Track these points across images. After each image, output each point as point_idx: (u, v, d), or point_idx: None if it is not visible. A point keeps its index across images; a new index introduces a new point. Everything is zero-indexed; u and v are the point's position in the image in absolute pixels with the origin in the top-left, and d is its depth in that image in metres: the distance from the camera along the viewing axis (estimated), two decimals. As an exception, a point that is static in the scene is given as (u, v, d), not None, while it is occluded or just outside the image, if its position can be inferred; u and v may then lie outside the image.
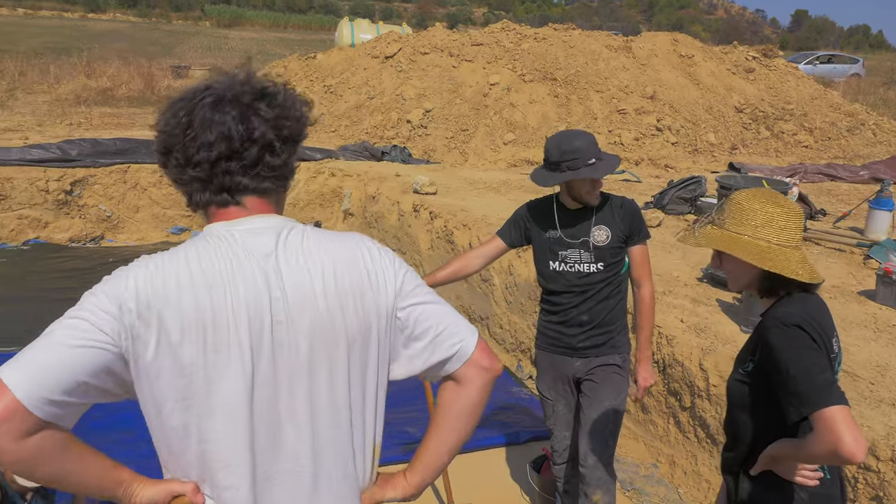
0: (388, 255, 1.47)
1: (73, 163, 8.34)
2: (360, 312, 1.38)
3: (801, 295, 1.87)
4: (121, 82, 15.68)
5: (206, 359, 1.27)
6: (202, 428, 1.30)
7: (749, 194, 1.93)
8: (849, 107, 13.05)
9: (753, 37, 74.74)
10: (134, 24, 54.82)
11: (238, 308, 1.28)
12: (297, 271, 1.34)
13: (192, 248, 1.32)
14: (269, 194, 1.39)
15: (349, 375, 1.39)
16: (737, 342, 3.91)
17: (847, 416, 1.60)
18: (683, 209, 6.98)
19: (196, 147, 1.31)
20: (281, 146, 1.36)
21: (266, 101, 1.36)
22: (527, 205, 3.13)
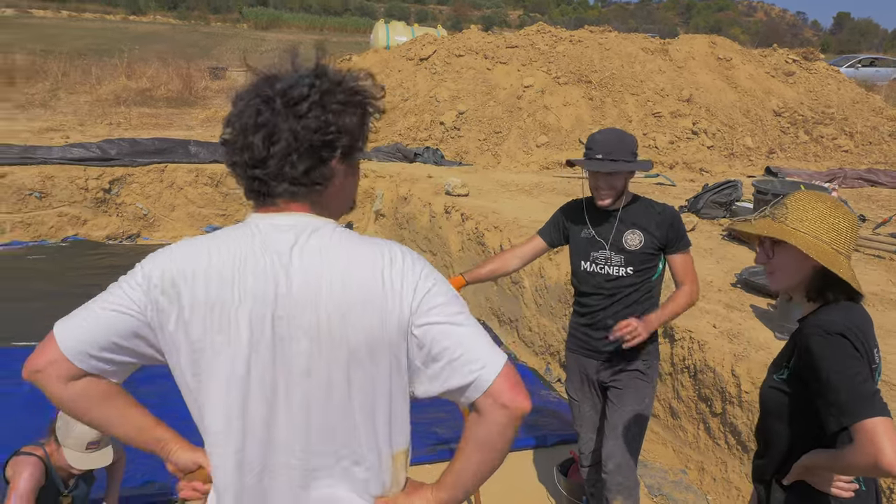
0: (415, 266, 1.39)
1: (112, 162, 8.51)
2: (366, 322, 1.34)
3: (846, 304, 1.83)
4: (159, 83, 15.97)
5: (210, 339, 1.35)
6: (201, 404, 1.40)
7: (812, 195, 1.88)
8: (891, 111, 12.75)
9: (794, 39, 73.49)
10: (173, 26, 55.80)
11: (244, 298, 1.34)
12: (307, 271, 1.34)
13: (222, 236, 1.40)
14: (300, 197, 1.39)
15: (353, 382, 1.36)
16: (770, 349, 3.84)
17: (890, 427, 1.56)
18: (718, 214, 6.88)
19: (233, 151, 1.39)
20: (298, 158, 1.34)
21: (303, 106, 1.34)
22: (567, 204, 3.15)
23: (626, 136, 2.85)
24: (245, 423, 1.39)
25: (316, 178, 1.38)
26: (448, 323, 1.36)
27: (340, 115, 1.37)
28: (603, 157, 2.77)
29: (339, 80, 1.39)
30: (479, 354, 1.35)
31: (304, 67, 1.40)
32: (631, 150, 2.82)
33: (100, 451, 2.88)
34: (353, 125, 1.39)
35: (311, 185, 1.38)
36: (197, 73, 18.33)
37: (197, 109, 14.40)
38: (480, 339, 1.37)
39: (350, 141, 1.39)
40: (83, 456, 2.86)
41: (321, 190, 1.40)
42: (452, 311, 1.37)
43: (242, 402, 1.37)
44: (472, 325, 1.39)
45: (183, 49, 29.78)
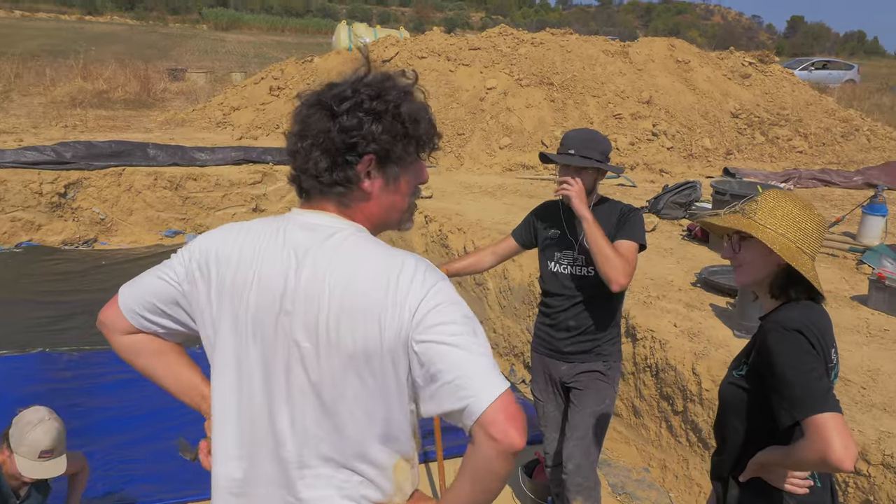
0: (426, 280, 1.36)
1: (68, 165, 8.31)
2: (365, 329, 1.33)
3: (807, 302, 1.86)
4: (117, 85, 15.68)
5: (224, 320, 1.44)
6: (214, 384, 1.50)
7: (784, 195, 1.91)
8: (843, 112, 13.09)
9: (749, 42, 74.98)
10: (131, 26, 54.81)
11: (255, 287, 1.40)
12: (316, 271, 1.37)
13: (257, 224, 1.48)
14: (327, 197, 1.43)
15: (349, 387, 1.37)
16: (729, 346, 3.91)
17: (840, 423, 1.59)
18: (678, 214, 6.99)
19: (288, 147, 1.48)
20: (320, 155, 1.39)
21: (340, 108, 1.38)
22: (542, 204, 3.18)
23: (600, 137, 2.88)
24: (240, 411, 1.44)
25: (338, 178, 1.40)
26: (447, 344, 1.32)
27: (370, 122, 1.38)
28: (574, 152, 2.79)
29: (381, 89, 1.41)
30: (471, 381, 1.30)
31: (362, 74, 1.45)
32: (603, 150, 2.84)
33: (53, 460, 2.80)
34: (381, 134, 1.38)
35: (331, 185, 1.41)
36: (155, 74, 18.03)
37: (155, 111, 14.16)
38: (480, 364, 1.32)
39: (380, 150, 1.39)
40: (35, 465, 2.78)
41: (344, 192, 1.42)
42: (455, 331, 1.33)
43: (239, 389, 1.44)
44: (476, 348, 1.33)
45: (141, 50, 29.27)
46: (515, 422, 1.29)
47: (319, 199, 1.45)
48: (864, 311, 4.48)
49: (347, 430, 1.39)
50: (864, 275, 5.16)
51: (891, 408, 3.25)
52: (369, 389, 1.37)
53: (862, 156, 11.47)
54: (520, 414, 1.30)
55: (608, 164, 2.88)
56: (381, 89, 1.41)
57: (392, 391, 1.38)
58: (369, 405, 1.38)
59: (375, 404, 1.38)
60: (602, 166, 2.83)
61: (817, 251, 1.88)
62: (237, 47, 41.34)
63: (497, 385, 1.30)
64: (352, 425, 1.39)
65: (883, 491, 2.89)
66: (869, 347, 3.92)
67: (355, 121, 1.37)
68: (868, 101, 20.05)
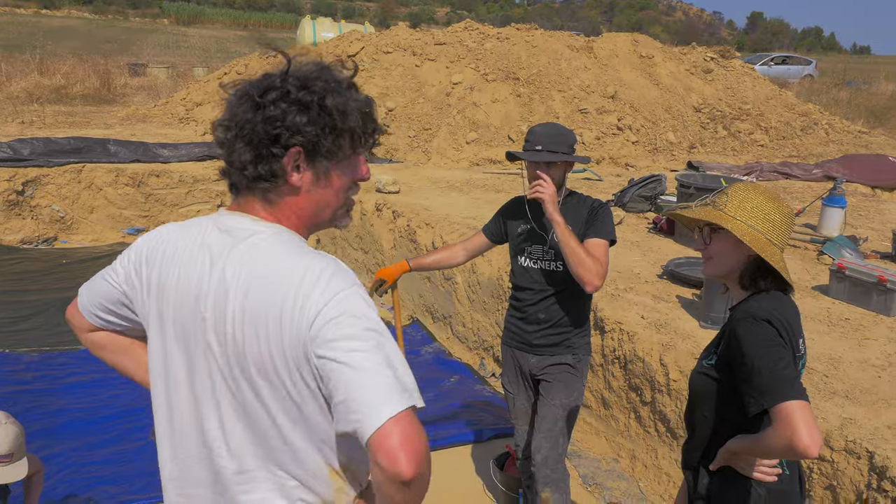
0: (329, 288, 1.27)
1: (25, 162, 8.11)
2: (269, 337, 1.28)
3: (776, 293, 1.88)
4: (75, 80, 15.33)
5: (151, 322, 1.46)
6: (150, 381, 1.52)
7: (753, 187, 1.92)
8: (802, 107, 13.35)
9: (711, 38, 76.08)
10: (89, 20, 53.67)
11: (175, 290, 1.40)
12: (225, 276, 1.34)
13: (186, 225, 1.47)
14: (253, 193, 1.40)
15: (264, 394, 1.33)
16: (696, 338, 3.96)
17: (806, 411, 1.61)
18: (644, 207, 7.06)
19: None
20: (244, 146, 1.33)
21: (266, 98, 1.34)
22: (510, 200, 3.19)
23: (565, 130, 2.90)
24: (171, 414, 1.44)
25: (262, 171, 1.34)
26: (338, 361, 1.22)
27: (294, 113, 1.32)
28: (542, 148, 2.80)
29: (308, 80, 1.35)
30: (363, 403, 1.19)
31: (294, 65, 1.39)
32: (569, 143, 2.86)
33: (13, 464, 2.73)
34: (307, 126, 1.32)
35: (255, 179, 1.35)
36: (116, 69, 17.69)
37: (116, 107, 13.89)
38: (375, 384, 1.20)
39: (306, 142, 1.33)
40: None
41: (269, 187, 1.37)
42: (353, 346, 1.23)
43: (168, 394, 1.44)
44: (373, 366, 1.22)
45: (100, 45, 28.70)
46: (407, 447, 1.16)
47: (246, 195, 1.41)
48: (825, 301, 4.57)
49: (270, 436, 1.36)
50: (824, 265, 5.27)
51: (852, 395, 3.32)
52: (286, 397, 1.31)
53: (821, 149, 11.71)
54: (417, 437, 1.18)
55: (575, 155, 2.90)
56: (309, 80, 1.35)
57: (309, 401, 1.31)
58: (291, 414, 1.33)
59: (295, 413, 1.33)
60: (570, 158, 2.85)
61: (787, 242, 1.91)
62: (199, 42, 40.74)
63: (390, 406, 1.18)
64: (274, 431, 1.35)
65: (846, 476, 2.95)
66: (830, 336, 4.00)
67: (279, 111, 1.31)
68: (826, 95, 20.47)
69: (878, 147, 12.07)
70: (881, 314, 4.32)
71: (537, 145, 2.81)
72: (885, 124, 15.89)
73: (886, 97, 20.35)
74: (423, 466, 1.19)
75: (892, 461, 2.81)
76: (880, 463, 2.83)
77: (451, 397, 4.90)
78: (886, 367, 3.63)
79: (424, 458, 1.19)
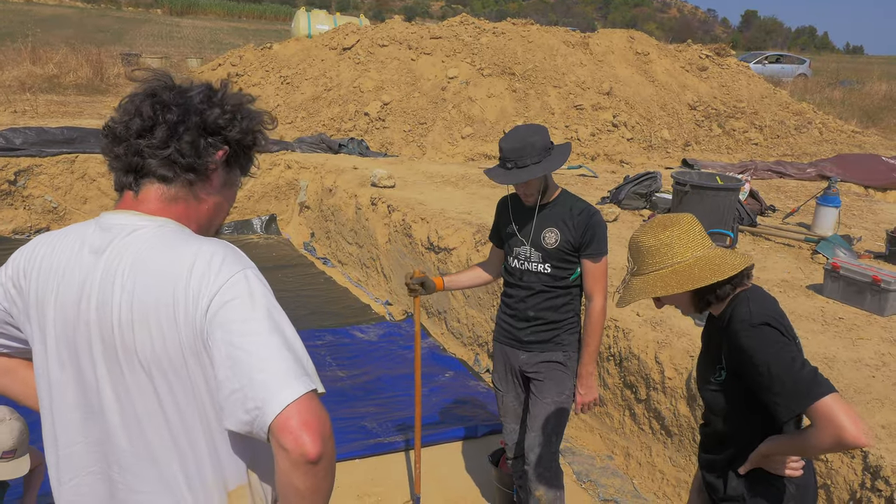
0: (222, 271, 1.23)
1: (18, 152, 8.04)
2: (159, 332, 1.22)
3: (750, 291, 1.89)
4: (68, 69, 15.21)
5: (34, 334, 1.38)
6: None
7: (642, 233, 1.97)
8: (797, 106, 13.39)
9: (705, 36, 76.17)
10: (82, 9, 53.22)
11: (55, 299, 1.33)
12: (107, 274, 1.28)
13: (65, 232, 1.40)
14: (170, 183, 1.34)
15: (160, 398, 1.26)
16: (691, 335, 3.97)
17: (841, 402, 1.62)
18: (639, 204, 7.06)
19: (118, 128, 1.37)
20: (185, 130, 1.33)
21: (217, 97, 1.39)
22: (500, 201, 3.19)
23: (533, 136, 2.78)
24: (56, 426, 1.37)
25: (195, 162, 1.34)
26: (235, 346, 1.17)
27: (240, 117, 1.39)
28: (512, 165, 2.77)
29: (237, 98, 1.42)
30: (262, 389, 1.14)
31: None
32: (540, 147, 2.77)
33: (16, 460, 2.72)
34: (243, 133, 1.39)
35: (187, 169, 1.33)
36: (109, 59, 17.54)
37: (109, 97, 13.80)
38: (273, 368, 1.16)
39: (239, 141, 1.39)
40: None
41: (193, 180, 1.35)
42: (248, 329, 1.18)
43: (52, 410, 1.37)
44: (269, 350, 1.17)
45: (92, 34, 28.49)
46: (310, 427, 1.13)
47: (148, 188, 1.35)
48: (819, 300, 4.59)
49: (172, 450, 1.28)
50: (818, 264, 5.28)
51: (846, 395, 3.34)
52: (181, 402, 1.25)
53: (815, 148, 11.76)
54: (319, 418, 1.15)
55: (550, 155, 2.80)
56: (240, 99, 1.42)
57: (205, 401, 1.25)
58: (188, 420, 1.26)
59: (192, 419, 1.26)
60: (541, 169, 2.75)
61: (703, 243, 1.91)
62: (193, 33, 40.50)
63: (292, 389, 1.14)
64: (166, 444, 1.28)
65: (840, 475, 2.97)
66: (825, 335, 4.02)
67: (228, 108, 1.37)
68: (819, 94, 20.54)
69: (872, 147, 12.13)
70: (875, 314, 4.34)
71: (508, 163, 2.79)
72: (879, 124, 15.97)
73: (880, 97, 20.43)
74: (328, 446, 1.16)
75: (886, 461, 2.82)
76: (874, 462, 2.85)
77: (445, 393, 4.90)
78: (880, 366, 3.64)
79: (329, 437, 1.16)
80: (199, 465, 1.29)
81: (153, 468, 1.30)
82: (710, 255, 1.89)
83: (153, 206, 1.34)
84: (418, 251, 6.30)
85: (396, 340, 5.79)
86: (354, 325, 6.06)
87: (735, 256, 1.89)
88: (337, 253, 7.91)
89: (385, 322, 6.23)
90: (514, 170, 2.77)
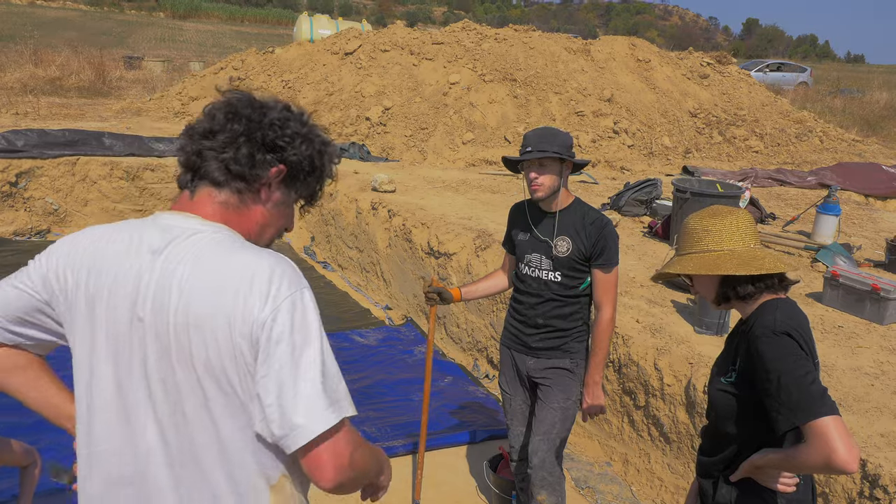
0: (280, 291, 1.28)
1: (19, 153, 8.06)
2: (213, 338, 1.26)
3: (784, 301, 1.89)
4: (70, 72, 15.26)
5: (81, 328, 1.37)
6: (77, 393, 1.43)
7: (694, 216, 2.01)
8: (797, 114, 13.41)
9: (706, 43, 76.29)
10: (85, 12, 53.36)
11: (108, 294, 1.34)
12: (165, 276, 1.31)
13: (119, 228, 1.42)
14: (220, 187, 1.39)
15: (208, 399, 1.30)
16: (691, 342, 3.97)
17: (840, 426, 1.60)
18: (639, 211, 7.07)
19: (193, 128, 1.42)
20: (245, 140, 1.38)
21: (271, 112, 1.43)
22: (513, 206, 3.20)
23: (559, 133, 2.88)
24: (92, 422, 1.37)
25: (248, 171, 1.38)
26: (279, 365, 1.24)
27: (300, 140, 1.44)
28: (532, 149, 2.81)
29: (310, 124, 1.49)
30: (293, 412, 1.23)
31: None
32: (563, 144, 2.84)
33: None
34: (304, 155, 1.44)
35: (237, 177, 1.38)
36: (111, 62, 17.60)
37: (111, 100, 13.83)
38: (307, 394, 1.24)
39: (293, 168, 1.43)
40: None
41: (243, 188, 1.39)
42: (293, 353, 1.25)
43: (91, 395, 1.37)
44: (308, 374, 1.25)
45: (95, 37, 28.56)
46: (329, 464, 1.25)
47: (203, 192, 1.40)
48: (818, 308, 4.59)
49: (206, 449, 1.32)
50: (818, 272, 5.29)
51: (846, 403, 3.34)
52: (229, 403, 1.29)
53: (815, 156, 11.77)
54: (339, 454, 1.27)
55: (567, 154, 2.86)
56: (311, 125, 1.48)
57: (246, 405, 1.30)
58: (234, 421, 1.30)
59: (239, 420, 1.30)
60: (559, 155, 2.80)
61: (746, 241, 1.93)
62: (195, 36, 40.60)
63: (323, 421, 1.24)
64: (211, 441, 1.31)
65: (838, 484, 2.96)
66: (824, 343, 4.02)
67: (288, 129, 1.42)
68: (820, 103, 20.58)
69: (872, 156, 12.15)
70: (874, 322, 4.34)
71: (528, 147, 2.83)
72: (879, 133, 15.99)
73: (880, 106, 20.47)
74: (345, 475, 1.28)
75: (885, 469, 2.82)
76: (873, 471, 2.84)
77: (444, 398, 4.89)
78: (879, 375, 3.64)
79: (347, 466, 1.28)
80: (242, 462, 1.33)
81: (195, 466, 1.33)
82: (742, 251, 1.90)
83: (207, 210, 1.39)
84: (418, 256, 6.30)
85: (396, 345, 5.79)
86: (354, 330, 6.06)
87: (770, 260, 1.88)
88: (337, 257, 7.91)
89: (385, 327, 6.23)
90: (534, 151, 2.80)
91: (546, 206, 2.94)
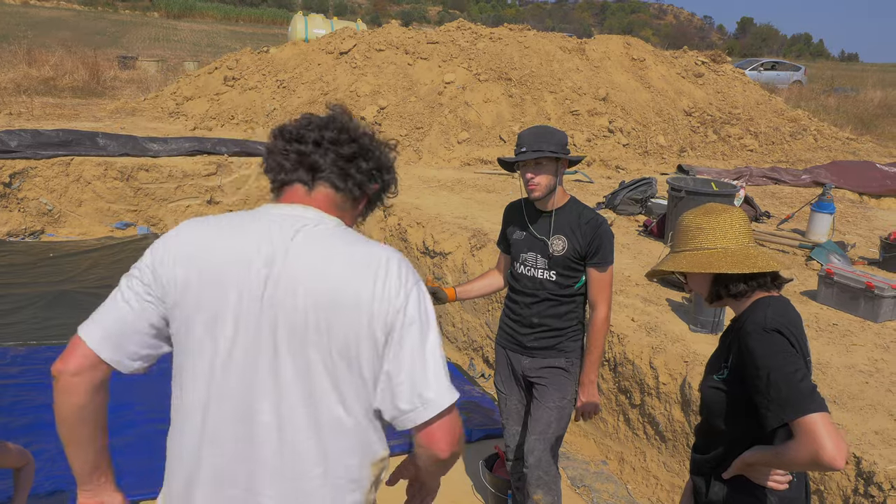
0: (408, 280, 1.44)
1: (13, 154, 8.02)
2: (343, 322, 1.37)
3: (777, 299, 1.89)
4: (64, 72, 15.21)
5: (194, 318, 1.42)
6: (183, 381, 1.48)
7: (688, 213, 2.03)
8: (792, 113, 13.44)
9: (701, 42, 76.44)
10: (78, 12, 53.18)
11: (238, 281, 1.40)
12: (297, 261, 1.40)
13: (230, 220, 1.49)
14: (338, 191, 1.53)
15: (336, 378, 1.39)
16: (686, 341, 3.98)
17: (828, 423, 1.61)
18: (634, 210, 7.08)
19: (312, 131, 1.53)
20: (380, 152, 1.59)
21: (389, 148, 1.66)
22: (509, 205, 3.19)
23: (554, 131, 2.88)
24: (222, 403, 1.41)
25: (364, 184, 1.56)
26: (411, 346, 1.39)
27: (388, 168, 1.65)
28: (527, 149, 2.81)
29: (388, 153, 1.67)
30: (421, 391, 1.38)
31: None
32: (558, 142, 2.84)
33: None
34: (386, 179, 1.63)
35: (356, 185, 1.54)
36: (105, 62, 17.55)
37: (105, 100, 13.79)
38: (431, 377, 1.39)
39: (382, 188, 1.63)
40: None
41: (357, 196, 1.56)
42: (422, 336, 1.41)
43: (222, 381, 1.41)
44: (432, 359, 1.41)
45: (89, 37, 28.48)
46: (448, 437, 1.42)
47: (323, 190, 1.52)
48: (813, 306, 4.60)
49: (330, 427, 1.41)
50: (812, 270, 5.30)
51: (840, 400, 3.35)
52: (352, 380, 1.40)
53: (809, 155, 11.79)
54: (456, 429, 1.43)
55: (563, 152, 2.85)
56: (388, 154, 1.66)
57: (369, 382, 1.41)
58: (354, 396, 1.41)
59: (360, 396, 1.41)
60: (555, 155, 2.80)
61: (740, 239, 1.93)
62: (190, 36, 40.52)
63: (442, 401, 1.39)
64: (336, 419, 1.41)
65: (833, 482, 2.97)
66: (819, 341, 4.03)
67: (388, 160, 1.63)
68: (814, 101, 20.63)
69: (866, 154, 12.18)
70: (868, 320, 4.35)
71: (523, 147, 2.82)
72: (873, 131, 16.03)
73: (874, 104, 20.52)
74: (458, 447, 1.45)
75: (880, 467, 2.83)
76: (867, 468, 2.85)
77: (440, 397, 4.89)
78: (874, 372, 3.66)
79: (459, 441, 1.45)
80: (362, 440, 1.45)
81: (317, 442, 1.41)
82: (736, 250, 1.91)
83: (324, 206, 1.52)
84: (414, 255, 6.30)
85: (391, 345, 5.78)
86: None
87: (763, 259, 1.89)
88: (332, 257, 7.90)
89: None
90: (529, 151, 2.79)
91: (542, 205, 2.94)
